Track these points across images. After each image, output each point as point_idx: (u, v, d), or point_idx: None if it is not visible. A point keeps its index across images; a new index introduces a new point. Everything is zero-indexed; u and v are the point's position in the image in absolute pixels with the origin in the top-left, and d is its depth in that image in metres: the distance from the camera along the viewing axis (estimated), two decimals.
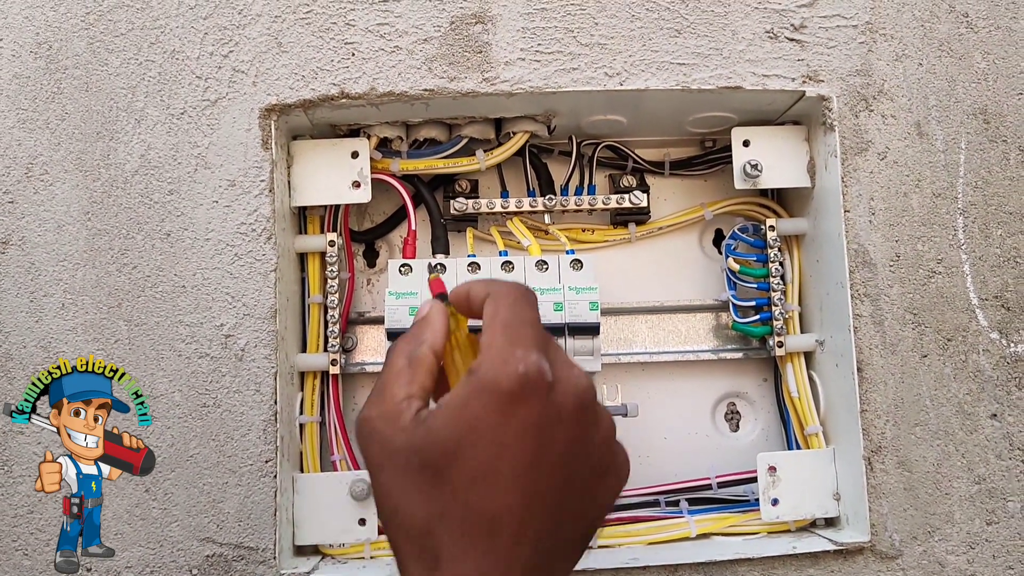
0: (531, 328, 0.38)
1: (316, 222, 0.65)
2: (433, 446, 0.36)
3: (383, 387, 0.39)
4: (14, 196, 0.58)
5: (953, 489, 0.59)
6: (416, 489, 0.36)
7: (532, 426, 0.35)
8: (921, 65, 0.62)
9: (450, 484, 0.35)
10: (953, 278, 0.61)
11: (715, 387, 0.69)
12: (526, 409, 0.35)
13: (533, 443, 0.35)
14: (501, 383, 0.35)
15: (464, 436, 0.36)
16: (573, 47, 0.60)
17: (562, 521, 0.37)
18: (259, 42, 0.59)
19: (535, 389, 0.36)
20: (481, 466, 0.35)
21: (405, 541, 0.36)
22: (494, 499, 0.35)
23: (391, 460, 0.37)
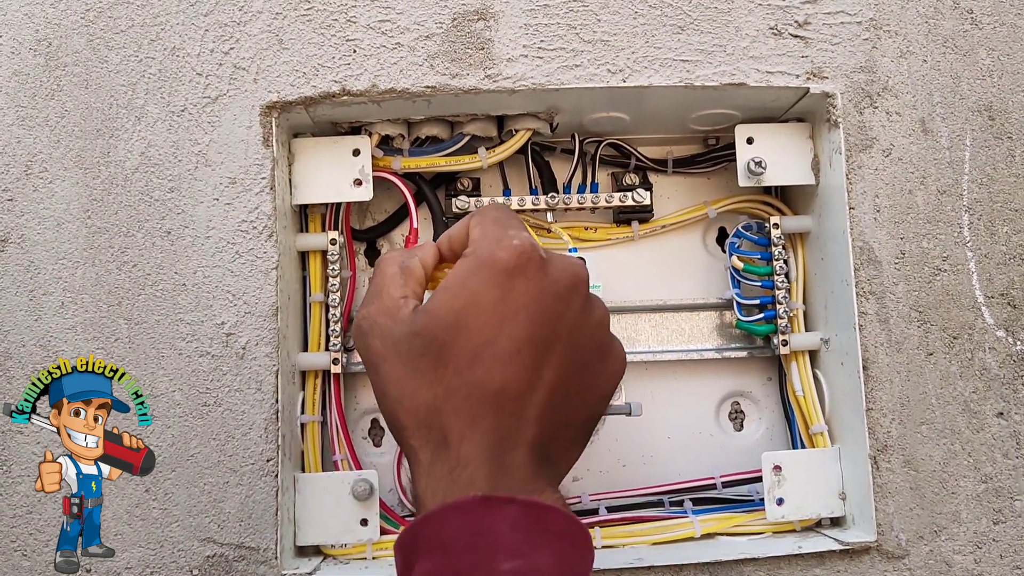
0: (519, 221, 0.39)
1: (317, 220, 0.65)
2: (434, 327, 0.36)
3: (379, 289, 0.40)
4: (13, 194, 0.58)
5: (960, 488, 0.59)
6: (419, 373, 0.36)
7: (530, 300, 0.36)
8: (926, 62, 0.61)
9: (453, 362, 0.36)
10: (959, 276, 0.60)
11: (719, 386, 0.68)
12: (524, 283, 0.36)
13: (532, 317, 0.36)
14: (498, 258, 0.36)
15: (463, 312, 0.36)
16: (576, 44, 0.60)
17: (566, 400, 0.37)
18: (260, 39, 0.59)
19: (531, 263, 0.36)
20: (482, 340, 0.35)
21: (412, 428, 0.37)
22: (497, 373, 0.35)
23: (394, 349, 0.38)
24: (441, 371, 0.36)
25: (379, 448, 0.67)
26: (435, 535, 0.34)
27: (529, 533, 0.33)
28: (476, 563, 0.32)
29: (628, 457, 0.67)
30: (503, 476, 0.35)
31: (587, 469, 0.67)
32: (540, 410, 0.36)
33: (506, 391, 0.36)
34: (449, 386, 0.36)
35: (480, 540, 0.33)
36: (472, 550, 0.33)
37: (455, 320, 0.36)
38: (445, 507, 0.34)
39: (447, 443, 0.35)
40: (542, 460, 0.37)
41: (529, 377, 0.36)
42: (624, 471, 0.67)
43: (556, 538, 0.34)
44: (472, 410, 0.35)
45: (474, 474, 0.35)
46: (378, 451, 0.67)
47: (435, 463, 0.36)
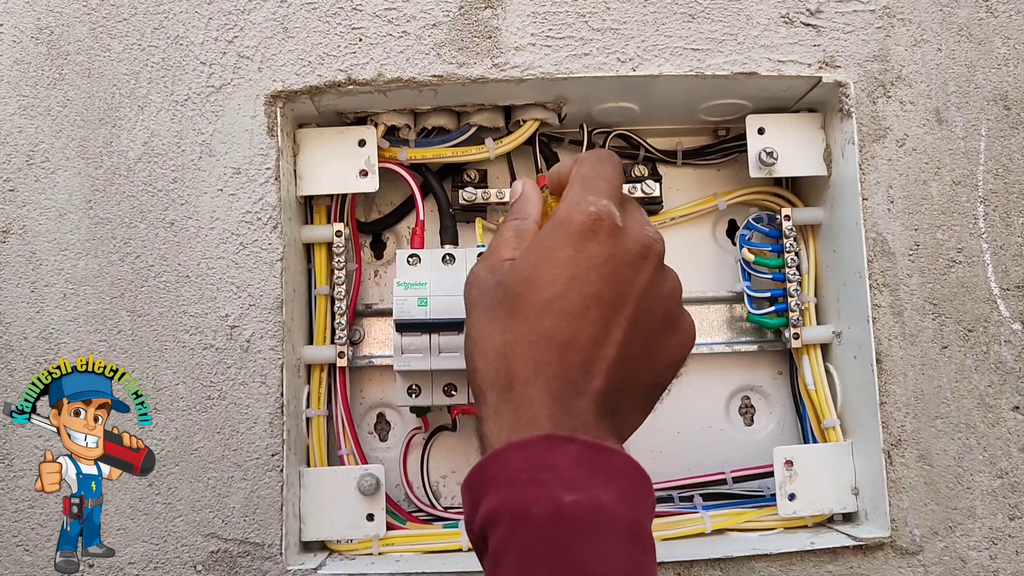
0: (606, 182, 0.41)
1: (322, 212, 0.64)
2: (513, 278, 0.39)
3: (492, 250, 0.44)
4: (15, 184, 0.57)
5: (975, 483, 0.58)
6: (496, 320, 0.39)
7: (601, 261, 0.38)
8: (940, 50, 0.60)
9: (524, 312, 0.38)
10: (974, 267, 0.59)
11: (729, 380, 0.68)
12: (595, 244, 0.38)
13: (602, 277, 0.38)
14: (573, 219, 0.39)
15: (538, 266, 0.39)
16: (585, 32, 0.59)
17: (632, 361, 0.39)
18: (264, 27, 0.58)
19: (604, 227, 0.39)
20: (553, 293, 0.38)
21: (482, 370, 0.39)
22: (564, 325, 0.38)
23: (483, 297, 0.41)
24: (513, 319, 0.39)
25: (385, 443, 0.66)
26: (501, 471, 0.35)
27: (590, 469, 0.35)
28: (539, 495, 0.34)
29: (637, 452, 0.65)
30: (565, 419, 0.36)
31: None
32: (607, 365, 0.38)
33: (572, 342, 0.37)
34: (519, 333, 0.38)
35: (543, 474, 0.34)
36: (535, 483, 0.34)
37: (530, 273, 0.39)
38: (509, 445, 0.36)
39: (512, 386, 0.37)
40: (606, 412, 0.38)
41: (596, 333, 0.38)
42: None
43: (616, 476, 0.35)
44: (538, 356, 0.37)
45: (537, 414, 0.36)
46: (384, 446, 0.66)
47: (501, 404, 0.38)
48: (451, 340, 0.55)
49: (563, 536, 0.33)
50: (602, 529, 0.33)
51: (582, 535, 0.33)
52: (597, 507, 0.34)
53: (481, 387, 0.39)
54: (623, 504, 0.35)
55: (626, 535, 0.34)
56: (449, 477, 0.65)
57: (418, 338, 0.56)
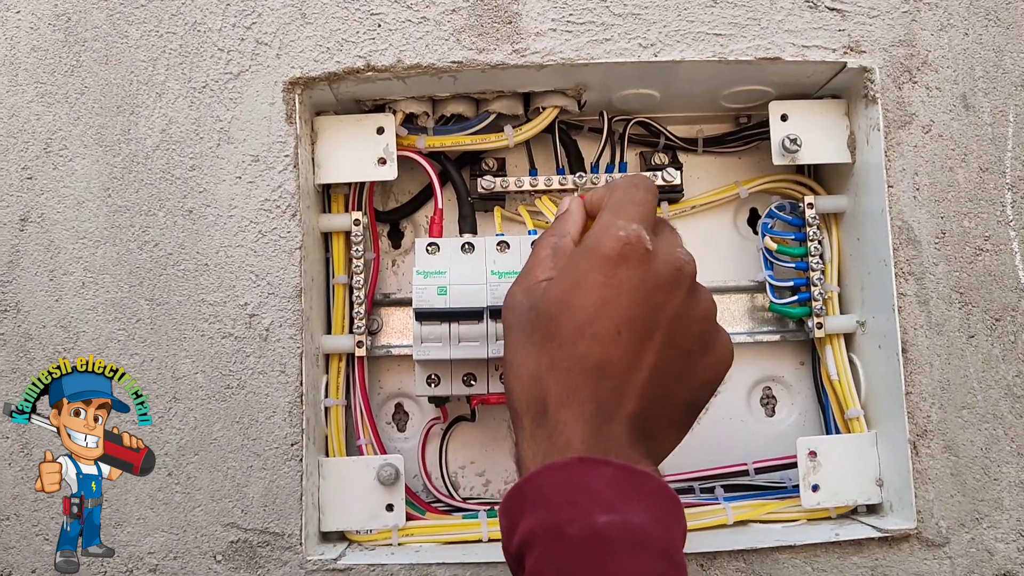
0: (638, 207, 0.41)
1: (340, 201, 0.63)
2: (547, 303, 0.40)
3: (529, 270, 0.44)
4: (33, 172, 0.57)
5: (1002, 474, 0.57)
6: (531, 344, 0.40)
7: (632, 286, 0.39)
8: (967, 35, 0.59)
9: (558, 337, 0.39)
10: (1001, 256, 0.58)
11: (750, 371, 0.67)
12: (626, 270, 0.39)
13: (633, 300, 0.39)
14: (603, 245, 0.39)
15: (570, 292, 0.39)
16: (606, 17, 0.58)
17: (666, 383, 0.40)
18: (283, 13, 0.57)
19: (634, 253, 0.39)
20: (584, 319, 0.39)
21: (518, 393, 0.40)
22: (597, 349, 0.38)
23: (518, 320, 0.42)
24: (548, 344, 0.39)
25: (403, 433, 0.66)
26: (536, 493, 0.36)
27: (623, 491, 0.35)
28: (574, 516, 0.34)
29: None
30: (599, 442, 0.37)
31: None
32: (640, 389, 0.38)
33: (606, 367, 0.38)
34: (553, 357, 0.39)
35: (578, 496, 0.35)
36: (571, 505, 0.35)
37: (563, 298, 0.40)
38: (544, 467, 0.36)
39: (547, 410, 0.38)
40: (640, 435, 0.39)
41: (628, 357, 0.38)
42: None
43: (649, 499, 0.36)
44: (572, 381, 0.38)
45: (571, 438, 0.37)
46: (402, 436, 0.65)
47: (536, 428, 0.39)
48: (470, 329, 0.55)
49: (598, 556, 0.34)
50: (636, 550, 0.34)
51: (616, 555, 0.34)
52: (631, 528, 0.34)
53: (517, 411, 0.40)
54: (656, 526, 0.35)
55: (659, 556, 0.35)
56: (467, 467, 0.65)
57: (437, 327, 0.55)
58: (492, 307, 0.54)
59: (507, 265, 0.56)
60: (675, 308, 0.40)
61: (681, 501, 0.38)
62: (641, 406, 0.38)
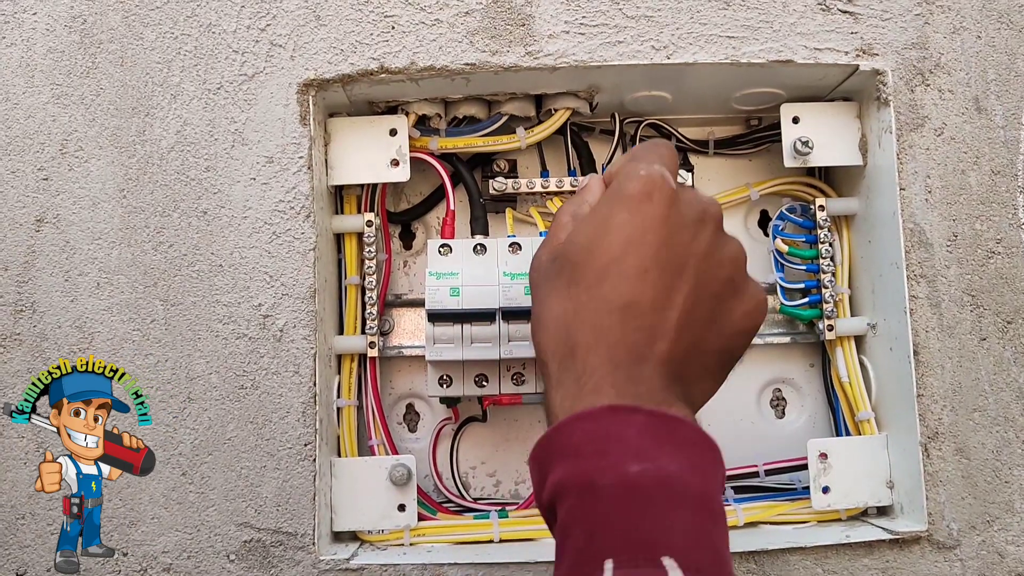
0: (658, 156, 0.41)
1: (352, 202, 0.63)
2: (570, 250, 0.39)
3: (551, 235, 0.43)
4: (48, 173, 0.57)
5: (1013, 477, 0.57)
6: (556, 292, 0.39)
7: (656, 224, 0.38)
8: (980, 38, 0.60)
9: (584, 281, 0.38)
10: (1013, 259, 0.59)
11: (761, 373, 0.67)
12: (650, 207, 0.38)
13: (660, 238, 0.37)
14: (626, 186, 0.39)
15: (594, 235, 0.39)
16: (619, 19, 0.58)
17: (698, 325, 0.38)
18: (297, 15, 0.58)
19: (658, 190, 0.38)
20: (609, 259, 0.37)
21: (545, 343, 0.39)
22: (624, 289, 0.37)
23: (542, 276, 0.41)
24: (573, 289, 0.38)
25: (414, 433, 0.66)
26: (566, 443, 0.35)
27: (656, 439, 0.34)
28: (605, 466, 0.33)
29: None
30: (629, 386, 0.36)
31: None
32: (671, 329, 0.37)
33: (633, 306, 0.37)
34: (579, 301, 0.38)
35: (609, 445, 0.34)
36: (602, 454, 0.34)
37: (587, 243, 0.38)
38: (574, 416, 0.35)
39: (574, 354, 0.37)
40: (673, 378, 0.37)
41: (657, 296, 0.37)
42: None
43: (684, 446, 0.35)
44: (599, 323, 0.37)
45: (600, 383, 0.36)
46: (413, 436, 0.66)
47: (563, 373, 0.37)
48: (483, 330, 0.55)
49: (631, 506, 0.33)
50: (670, 499, 0.33)
51: (649, 505, 0.32)
52: (664, 477, 0.33)
53: (544, 360, 0.39)
54: (692, 474, 0.34)
55: (695, 505, 0.33)
56: (478, 468, 0.65)
57: (450, 328, 0.55)
58: (504, 308, 0.54)
59: (519, 266, 0.56)
60: (702, 248, 0.38)
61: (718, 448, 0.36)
62: (673, 347, 0.37)
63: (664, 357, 0.37)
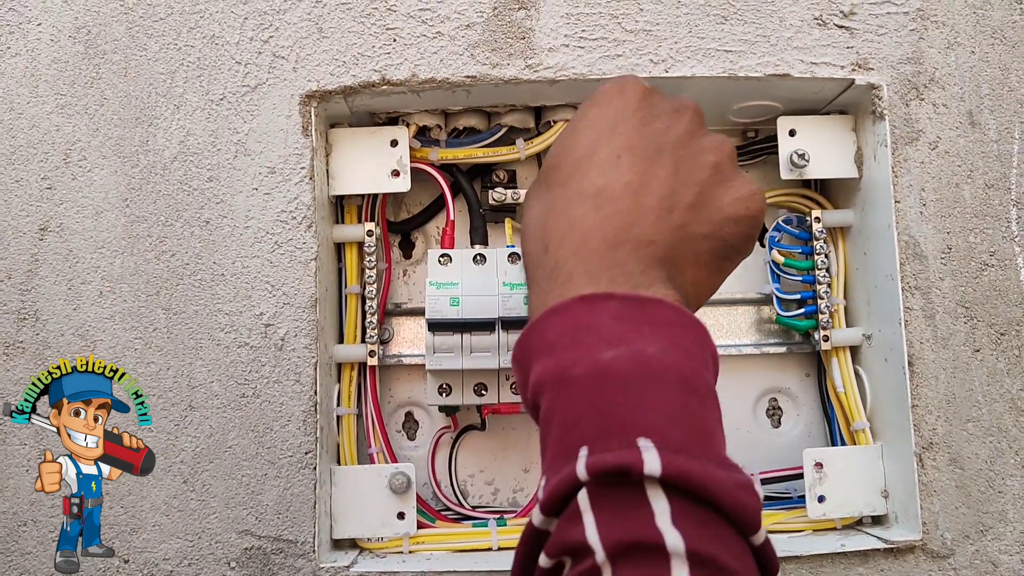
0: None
1: (353, 212, 0.64)
2: (551, 158, 0.40)
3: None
4: (52, 182, 0.58)
5: (1007, 487, 0.58)
6: (537, 198, 0.40)
7: (629, 114, 0.38)
8: (974, 53, 0.60)
9: (559, 178, 0.38)
10: (1006, 271, 0.59)
11: (756, 382, 0.68)
12: (620, 99, 0.38)
13: (631, 127, 0.37)
14: (600, 89, 0.39)
15: (570, 136, 0.39)
16: (618, 33, 0.59)
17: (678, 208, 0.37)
18: (299, 27, 0.58)
19: (631, 86, 0.39)
20: (583, 153, 0.38)
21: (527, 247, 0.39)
22: (596, 176, 0.37)
23: (530, 192, 0.41)
24: (550, 190, 0.39)
25: (413, 441, 0.66)
26: (540, 340, 0.35)
27: (632, 323, 0.33)
28: (579, 356, 0.33)
29: None
30: (603, 272, 0.35)
31: None
32: (648, 211, 0.36)
33: (605, 191, 0.36)
34: (553, 199, 0.38)
35: (581, 335, 0.33)
36: (575, 345, 0.33)
37: (561, 145, 0.39)
38: (546, 312, 0.35)
39: (547, 249, 0.37)
40: (655, 261, 0.36)
41: (630, 179, 0.36)
42: None
43: (664, 326, 0.34)
44: (571, 213, 0.36)
45: (571, 273, 0.35)
46: (412, 444, 0.66)
47: (537, 271, 0.37)
48: (482, 340, 0.56)
49: (607, 392, 0.32)
50: (647, 381, 0.32)
51: (625, 389, 0.32)
52: (641, 359, 0.32)
53: (526, 264, 0.39)
54: (673, 354, 0.33)
55: (677, 384, 0.32)
56: (477, 476, 0.66)
57: (450, 337, 0.56)
58: (504, 318, 0.55)
59: (518, 276, 0.56)
60: (679, 135, 0.38)
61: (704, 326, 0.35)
62: (653, 229, 0.36)
63: (643, 239, 0.36)
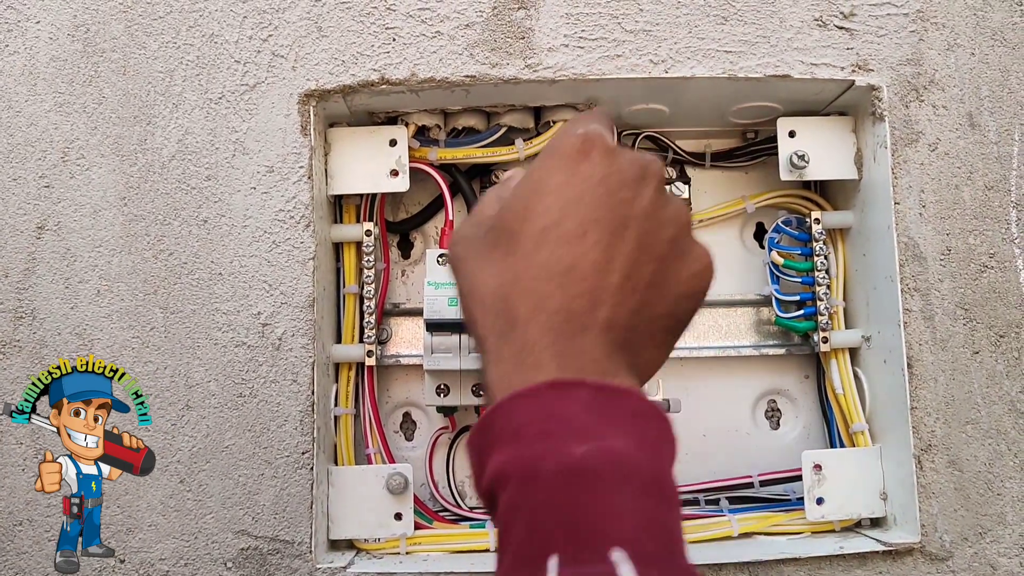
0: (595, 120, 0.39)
1: (352, 211, 0.64)
2: (505, 218, 0.37)
3: (476, 211, 0.41)
4: (50, 180, 0.57)
5: (1005, 489, 0.58)
6: (491, 264, 0.37)
7: (596, 182, 0.36)
8: (974, 55, 0.60)
9: (521, 248, 0.36)
10: (1006, 273, 0.59)
11: (756, 384, 0.67)
12: (588, 166, 0.36)
13: (598, 198, 0.35)
14: (562, 145, 0.37)
15: (531, 198, 0.36)
16: (618, 34, 0.59)
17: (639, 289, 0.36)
18: (299, 26, 0.58)
19: (596, 147, 0.36)
20: (548, 222, 0.35)
21: (481, 317, 0.36)
22: (563, 252, 0.35)
23: (472, 249, 0.38)
24: (510, 258, 0.36)
25: (411, 442, 0.66)
26: (506, 425, 0.32)
27: (602, 415, 0.32)
28: (548, 449, 0.31)
29: None
30: (572, 358, 0.33)
31: None
32: (613, 293, 0.35)
33: (574, 270, 0.35)
34: (516, 270, 0.35)
35: (551, 425, 0.32)
36: (544, 436, 0.31)
37: (523, 208, 0.36)
38: (514, 395, 0.33)
39: (514, 327, 0.35)
40: (618, 346, 0.35)
41: (597, 258, 0.35)
42: None
43: (632, 419, 0.32)
44: (539, 290, 0.35)
45: (540, 356, 0.33)
46: (410, 445, 0.66)
47: (502, 348, 0.35)
48: None
49: (575, 492, 0.30)
50: (617, 480, 0.31)
51: (595, 489, 0.30)
52: (611, 456, 0.31)
53: (481, 335, 0.36)
54: (642, 451, 0.31)
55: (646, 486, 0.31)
56: None
57: (448, 338, 0.56)
58: None
59: None
60: (644, 207, 0.36)
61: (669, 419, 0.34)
62: (616, 313, 0.35)
63: (607, 323, 0.34)
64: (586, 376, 0.33)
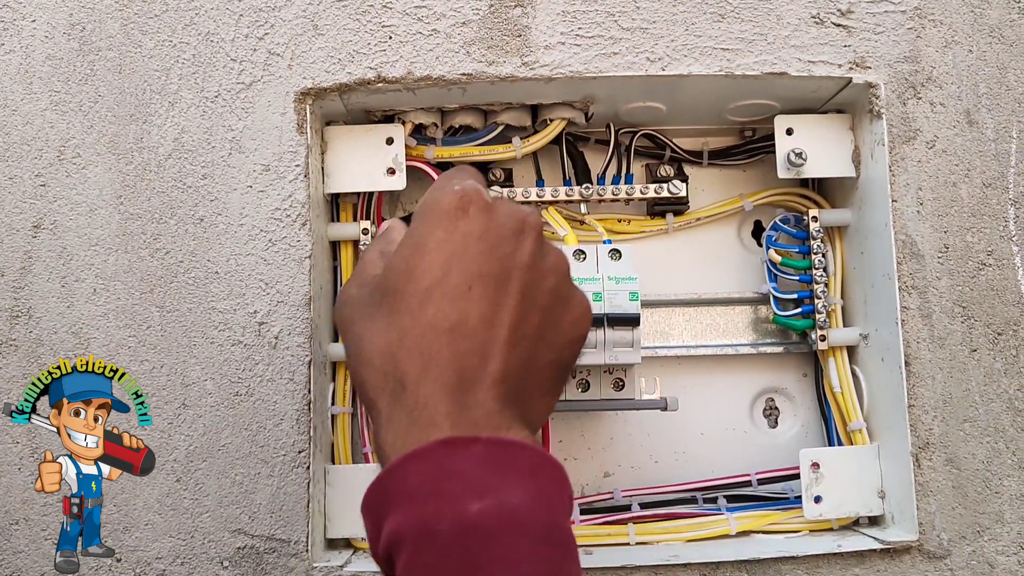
0: (467, 175, 0.39)
1: (349, 210, 0.64)
2: (388, 277, 0.37)
3: (359, 271, 0.41)
4: (46, 179, 0.57)
5: (1003, 488, 0.58)
6: (376, 322, 0.37)
7: (476, 238, 0.36)
8: (971, 52, 0.60)
9: (406, 306, 0.35)
10: (1004, 270, 0.59)
11: (753, 382, 0.67)
12: (467, 222, 0.36)
13: (480, 253, 0.36)
14: (441, 202, 0.37)
15: (412, 257, 0.36)
16: (614, 31, 0.59)
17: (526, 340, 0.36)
18: (295, 24, 0.58)
19: (474, 203, 0.36)
20: (432, 280, 0.35)
21: (370, 380, 0.36)
22: (449, 309, 0.35)
23: (358, 310, 0.38)
24: (395, 317, 0.36)
25: None
26: (399, 487, 0.32)
27: (497, 470, 0.32)
28: (443, 509, 0.31)
29: (661, 453, 0.66)
30: (465, 414, 0.33)
31: (619, 465, 0.66)
32: (502, 347, 0.35)
33: (460, 326, 0.35)
34: (403, 329, 0.35)
35: (445, 484, 0.31)
36: (438, 496, 0.31)
37: (406, 267, 0.36)
38: (406, 456, 0.32)
39: (404, 387, 0.34)
40: (508, 399, 0.35)
41: (484, 312, 0.35)
42: (657, 467, 0.66)
43: (527, 474, 0.33)
44: (427, 349, 0.34)
45: (433, 414, 0.33)
46: None
47: (394, 409, 0.34)
48: None
49: (472, 550, 0.30)
50: (514, 535, 0.31)
51: (492, 545, 0.30)
52: (507, 512, 0.31)
53: (371, 398, 0.36)
54: (536, 504, 0.32)
55: (543, 540, 0.31)
56: None
57: None
58: None
59: None
60: (525, 259, 0.37)
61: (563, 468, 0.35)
62: (506, 366, 0.35)
63: (498, 377, 0.35)
64: (480, 431, 0.33)
